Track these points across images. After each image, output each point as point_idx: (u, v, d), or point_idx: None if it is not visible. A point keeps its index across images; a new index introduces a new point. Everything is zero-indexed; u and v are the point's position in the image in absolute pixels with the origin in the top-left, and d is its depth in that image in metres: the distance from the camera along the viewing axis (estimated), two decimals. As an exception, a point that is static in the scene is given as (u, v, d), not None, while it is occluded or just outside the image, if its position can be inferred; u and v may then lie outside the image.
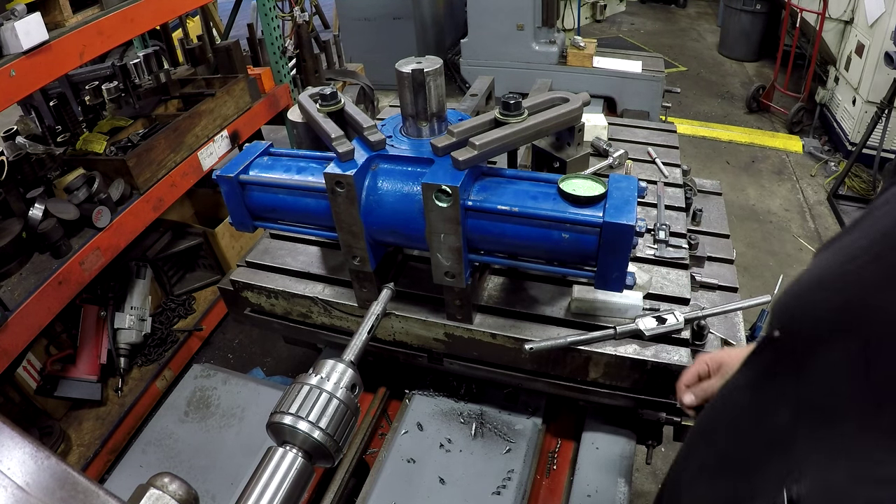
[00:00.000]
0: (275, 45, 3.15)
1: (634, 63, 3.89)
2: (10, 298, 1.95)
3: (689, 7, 8.19)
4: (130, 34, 2.27)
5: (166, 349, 2.86)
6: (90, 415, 2.54)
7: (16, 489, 0.48)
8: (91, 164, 2.41)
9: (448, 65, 5.17)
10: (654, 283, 1.49)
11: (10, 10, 1.77)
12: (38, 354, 2.45)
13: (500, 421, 1.53)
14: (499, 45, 4.08)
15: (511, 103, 1.23)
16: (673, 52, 6.62)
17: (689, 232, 1.72)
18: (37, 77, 1.86)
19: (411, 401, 1.60)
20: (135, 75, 2.93)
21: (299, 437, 0.76)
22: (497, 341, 1.40)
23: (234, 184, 1.36)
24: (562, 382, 1.42)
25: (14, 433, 0.53)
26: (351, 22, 5.77)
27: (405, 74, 1.25)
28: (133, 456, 1.59)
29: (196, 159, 2.65)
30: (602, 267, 1.14)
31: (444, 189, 1.11)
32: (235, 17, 3.87)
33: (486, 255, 1.27)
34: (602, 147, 1.99)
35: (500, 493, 1.36)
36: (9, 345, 1.89)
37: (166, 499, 0.54)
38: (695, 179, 2.04)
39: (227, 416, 1.65)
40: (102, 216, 2.22)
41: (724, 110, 5.46)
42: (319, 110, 1.39)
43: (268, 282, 1.60)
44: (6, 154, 2.34)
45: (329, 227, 1.35)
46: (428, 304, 1.47)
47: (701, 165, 4.58)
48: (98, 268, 2.21)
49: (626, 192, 1.14)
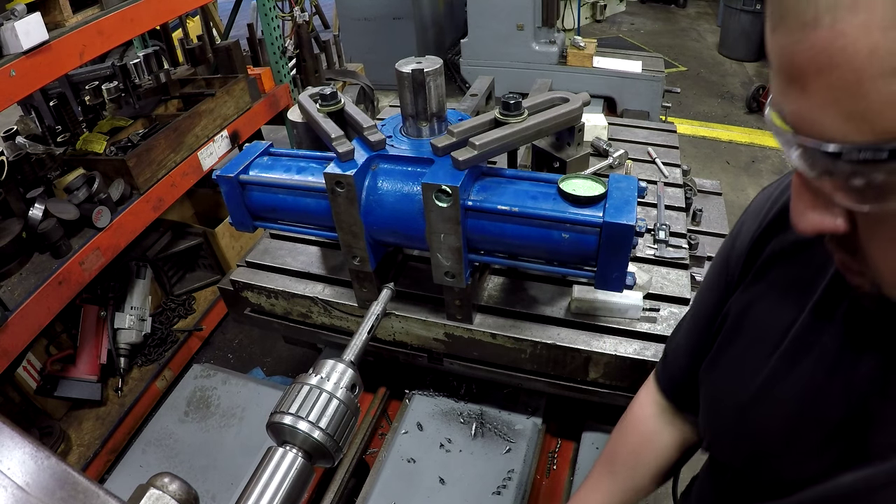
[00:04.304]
0: (275, 45, 3.15)
1: (634, 63, 3.89)
2: (10, 298, 1.95)
3: (689, 7, 8.18)
4: (130, 34, 2.27)
5: (166, 349, 2.86)
6: (90, 415, 2.54)
7: (16, 489, 0.48)
8: (91, 164, 2.41)
9: (448, 65, 5.17)
10: (654, 283, 1.49)
11: (10, 10, 1.77)
12: (38, 354, 2.45)
13: (500, 421, 1.53)
14: (499, 45, 4.08)
15: (511, 103, 1.23)
16: (673, 52, 6.62)
17: (689, 232, 1.72)
18: (37, 77, 1.86)
19: (411, 401, 1.60)
20: (135, 75, 2.93)
21: (299, 437, 0.76)
22: (497, 341, 1.40)
23: (234, 184, 1.36)
24: (562, 382, 1.42)
25: (14, 433, 0.53)
26: (351, 22, 5.77)
27: (405, 74, 1.25)
28: (133, 456, 1.59)
29: (196, 159, 2.65)
30: (602, 267, 1.14)
31: (444, 189, 1.11)
32: (235, 17, 3.87)
33: (486, 255, 1.27)
34: (602, 147, 1.99)
35: (500, 493, 1.36)
36: (9, 345, 1.89)
37: (166, 499, 0.54)
38: (695, 179, 2.04)
39: (227, 416, 1.65)
40: (102, 216, 2.22)
41: (724, 110, 5.46)
42: (319, 110, 1.39)
43: (268, 282, 1.60)
44: (6, 154, 2.34)
45: (329, 227, 1.35)
46: (428, 304, 1.47)
47: (701, 165, 4.58)
48: (98, 268, 2.21)
49: (626, 192, 1.14)
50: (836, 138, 0.45)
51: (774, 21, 0.47)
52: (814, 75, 0.44)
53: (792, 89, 0.47)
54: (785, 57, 0.47)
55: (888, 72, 0.40)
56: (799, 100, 0.47)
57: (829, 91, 0.43)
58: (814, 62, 0.43)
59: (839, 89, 0.43)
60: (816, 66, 0.43)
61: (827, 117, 0.45)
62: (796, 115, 0.48)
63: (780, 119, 0.50)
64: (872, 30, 0.40)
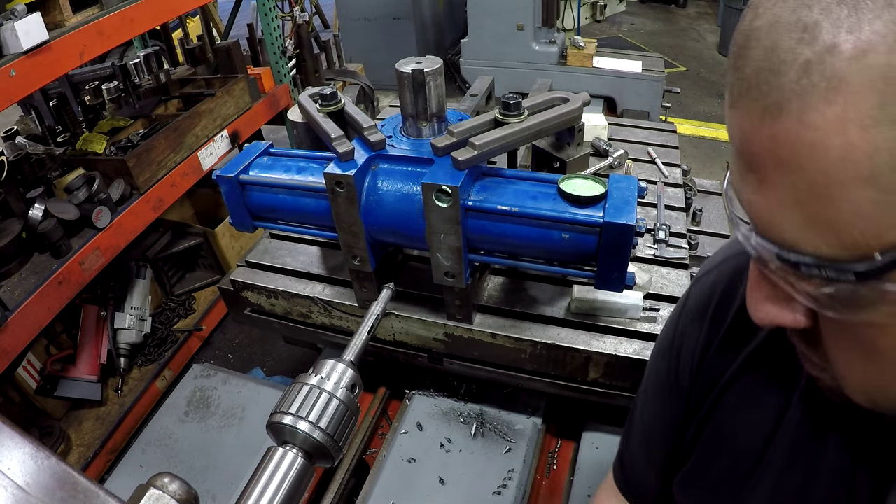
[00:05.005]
0: (275, 45, 3.15)
1: (634, 63, 3.89)
2: (10, 298, 1.95)
3: (689, 7, 8.18)
4: (130, 34, 2.27)
5: (166, 349, 2.85)
6: (90, 415, 2.54)
7: (16, 489, 0.48)
8: (91, 164, 2.41)
9: (448, 65, 5.17)
10: (654, 283, 1.49)
11: (10, 10, 1.77)
12: (38, 354, 2.45)
13: (500, 421, 1.53)
14: (499, 45, 4.08)
15: (511, 103, 1.23)
16: (673, 52, 6.62)
17: (689, 232, 1.72)
18: (37, 77, 1.86)
19: (411, 401, 1.60)
20: (135, 75, 2.93)
21: (299, 437, 0.76)
22: (497, 341, 1.40)
23: (234, 184, 1.36)
24: (562, 382, 1.42)
25: (14, 433, 0.53)
26: (351, 22, 5.77)
27: (405, 74, 1.25)
28: (133, 456, 1.59)
29: (196, 159, 2.65)
30: (602, 267, 1.14)
31: (444, 189, 1.11)
32: (235, 17, 3.87)
33: (486, 255, 1.27)
34: (602, 147, 1.99)
35: (501, 493, 1.36)
36: (9, 345, 1.89)
37: (166, 499, 0.54)
38: (695, 179, 2.04)
39: (227, 416, 1.65)
40: (102, 216, 2.22)
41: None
42: (319, 110, 1.39)
43: (268, 282, 1.60)
44: (6, 154, 2.33)
45: (329, 227, 1.35)
46: (428, 304, 1.47)
47: (701, 165, 4.58)
48: (98, 268, 2.21)
49: (626, 192, 1.14)
50: (797, 245, 0.38)
51: (734, 96, 0.40)
52: (774, 170, 0.37)
53: (748, 180, 0.41)
54: (743, 141, 0.40)
55: (863, 178, 0.33)
56: (757, 193, 0.40)
57: (790, 190, 0.37)
58: (774, 155, 0.37)
59: (802, 191, 0.36)
60: (777, 160, 0.37)
61: (786, 219, 0.38)
62: (753, 207, 0.42)
63: (736, 204, 0.44)
64: (849, 126, 0.33)
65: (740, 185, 0.43)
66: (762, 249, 0.42)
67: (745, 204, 0.43)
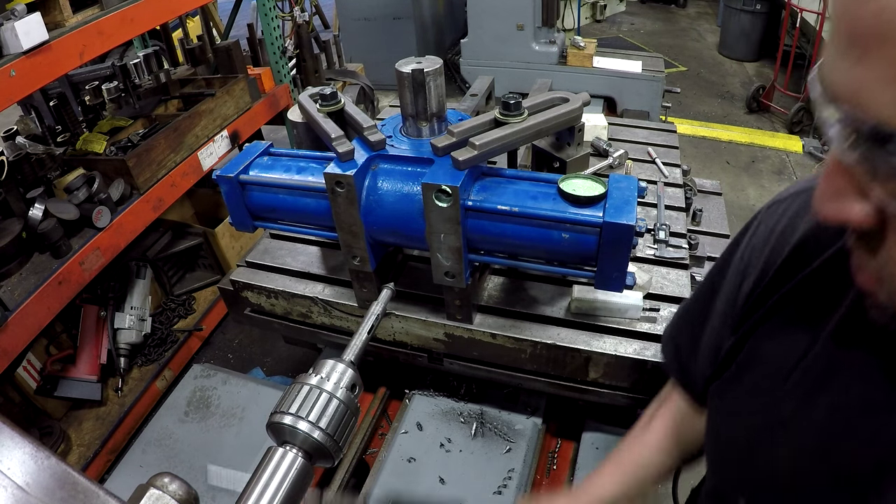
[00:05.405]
0: (275, 45, 3.15)
1: (634, 63, 3.89)
2: (10, 298, 1.95)
3: (689, 7, 8.18)
4: (130, 34, 2.27)
5: (166, 349, 2.86)
6: (90, 415, 2.54)
7: (16, 489, 0.48)
8: (91, 164, 2.41)
9: (448, 65, 5.17)
10: (654, 283, 1.49)
11: (10, 10, 1.77)
12: (38, 354, 2.45)
13: (500, 421, 1.53)
14: (499, 45, 4.08)
15: (511, 103, 1.23)
16: (673, 52, 6.62)
17: (689, 232, 1.72)
18: (37, 77, 1.86)
19: (411, 401, 1.60)
20: (135, 75, 2.93)
21: (299, 437, 0.76)
22: (497, 341, 1.40)
23: (234, 184, 1.36)
24: (562, 382, 1.42)
25: (14, 433, 0.53)
26: (351, 22, 5.77)
27: (405, 74, 1.24)
28: (133, 456, 1.59)
29: (196, 159, 2.65)
30: (602, 267, 1.14)
31: (444, 189, 1.11)
32: (235, 17, 3.87)
33: (486, 255, 1.27)
34: (602, 147, 1.99)
35: (501, 493, 1.36)
36: (9, 345, 1.89)
37: (166, 499, 0.54)
38: (695, 179, 2.04)
39: (227, 416, 1.65)
40: (102, 216, 2.22)
41: (724, 110, 5.46)
42: (319, 110, 1.39)
43: (268, 282, 1.60)
44: (6, 154, 2.34)
45: (329, 227, 1.35)
46: (428, 304, 1.47)
47: (701, 165, 4.58)
48: (98, 268, 2.21)
49: (626, 192, 1.14)
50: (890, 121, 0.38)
51: None
52: (876, 44, 0.37)
53: (848, 56, 0.40)
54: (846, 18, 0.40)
55: None
56: (854, 69, 0.40)
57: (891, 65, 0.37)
58: (879, 29, 0.37)
59: None
60: (881, 33, 0.37)
61: (883, 94, 0.38)
62: (847, 85, 0.41)
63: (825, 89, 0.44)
64: None
65: (835, 68, 0.42)
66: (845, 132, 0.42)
67: (838, 86, 0.42)
